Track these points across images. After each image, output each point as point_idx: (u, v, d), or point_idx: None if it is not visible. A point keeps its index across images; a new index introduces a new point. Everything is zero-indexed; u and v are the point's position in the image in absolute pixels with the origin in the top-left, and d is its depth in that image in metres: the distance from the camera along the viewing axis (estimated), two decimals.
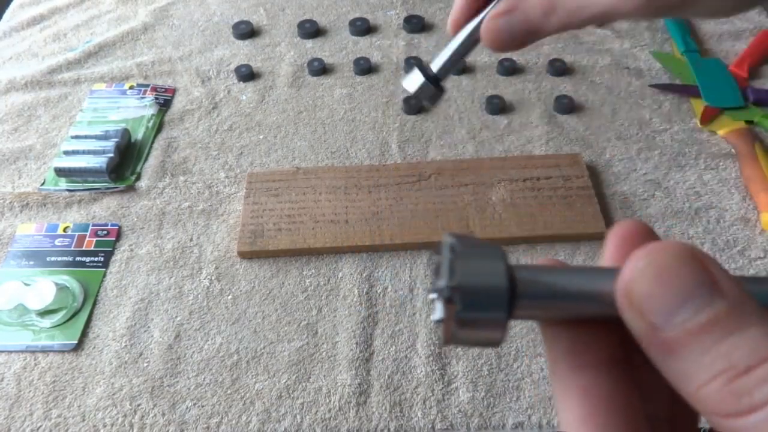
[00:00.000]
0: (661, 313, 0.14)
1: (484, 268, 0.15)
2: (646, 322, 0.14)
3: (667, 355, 0.14)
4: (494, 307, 0.15)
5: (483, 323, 0.15)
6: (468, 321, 0.15)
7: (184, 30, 0.88)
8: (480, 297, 0.15)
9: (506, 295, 0.15)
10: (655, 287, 0.14)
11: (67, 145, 0.69)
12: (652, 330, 0.14)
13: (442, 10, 0.89)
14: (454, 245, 0.15)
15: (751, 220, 0.62)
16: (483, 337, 0.16)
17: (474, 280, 0.15)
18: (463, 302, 0.15)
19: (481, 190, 0.64)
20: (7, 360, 0.54)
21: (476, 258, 0.15)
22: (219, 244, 0.62)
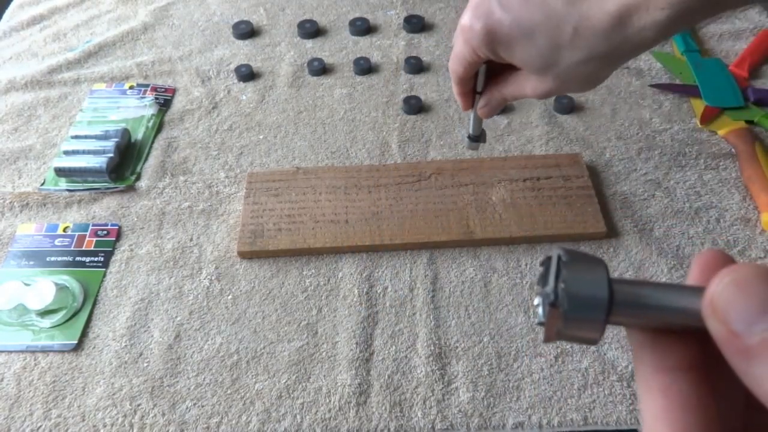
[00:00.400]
0: (742, 321, 0.16)
1: (589, 278, 0.17)
2: (729, 330, 0.16)
3: (746, 360, 0.16)
4: (594, 312, 0.17)
5: (583, 325, 0.17)
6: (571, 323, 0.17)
7: (184, 30, 0.88)
8: (583, 303, 0.17)
9: (606, 303, 0.17)
10: (737, 299, 0.16)
11: (67, 145, 0.69)
12: (733, 337, 0.16)
13: (442, 10, 0.89)
14: (561, 256, 0.18)
15: (751, 220, 0.62)
16: (581, 336, 0.18)
17: (579, 288, 0.17)
18: (569, 306, 0.17)
19: (481, 190, 0.64)
20: (7, 360, 0.54)
21: (582, 268, 0.17)
22: (219, 244, 0.62)
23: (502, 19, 0.42)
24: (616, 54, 0.43)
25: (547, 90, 0.46)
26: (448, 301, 0.57)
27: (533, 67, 0.45)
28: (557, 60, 0.43)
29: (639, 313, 0.18)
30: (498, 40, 0.44)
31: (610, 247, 0.60)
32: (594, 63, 0.43)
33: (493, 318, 0.56)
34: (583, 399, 0.50)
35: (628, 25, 0.40)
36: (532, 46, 0.43)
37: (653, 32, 0.40)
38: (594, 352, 0.53)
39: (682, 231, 0.61)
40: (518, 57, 0.44)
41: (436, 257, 0.60)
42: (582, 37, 0.41)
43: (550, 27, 0.42)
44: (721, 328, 0.16)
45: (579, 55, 0.42)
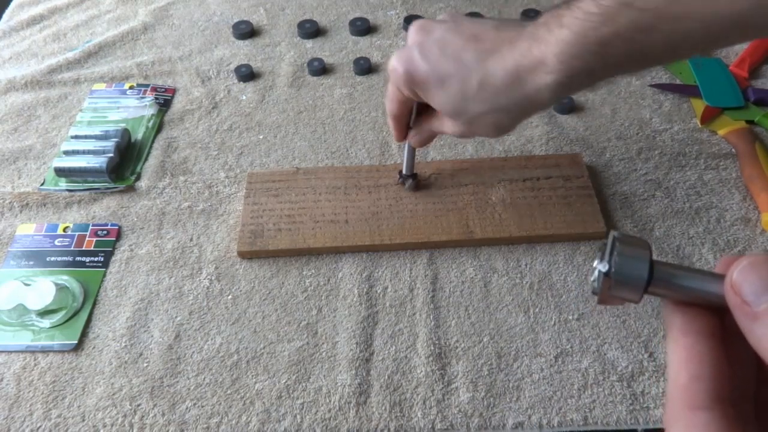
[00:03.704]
0: (752, 293, 0.21)
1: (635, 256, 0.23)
2: (742, 300, 0.21)
3: (752, 322, 0.21)
4: (636, 284, 0.23)
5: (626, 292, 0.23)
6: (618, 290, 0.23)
7: (184, 30, 0.88)
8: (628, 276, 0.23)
9: (645, 278, 0.23)
10: (750, 276, 0.21)
11: (67, 145, 0.69)
12: (745, 305, 0.21)
13: (442, 10, 0.89)
14: (616, 237, 0.23)
15: (751, 220, 0.62)
16: (625, 299, 0.23)
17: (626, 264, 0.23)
18: (618, 281, 0.23)
19: (481, 190, 0.64)
20: (7, 360, 0.54)
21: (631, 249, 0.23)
22: (219, 244, 0.62)
23: (420, 65, 0.48)
24: (517, 108, 0.47)
25: (459, 132, 0.51)
26: (448, 301, 0.57)
27: (446, 111, 0.50)
28: (466, 108, 0.48)
29: (672, 288, 0.23)
30: (416, 83, 0.49)
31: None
32: (497, 114, 0.48)
33: (493, 318, 0.56)
34: (583, 399, 0.50)
35: (523, 84, 0.44)
36: (444, 92, 0.48)
37: (548, 93, 0.44)
38: (594, 352, 0.53)
39: (682, 231, 0.61)
40: (434, 100, 0.49)
41: (436, 257, 0.60)
42: (485, 90, 0.46)
43: (460, 79, 0.46)
44: (736, 298, 0.21)
45: (483, 107, 0.47)
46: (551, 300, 0.57)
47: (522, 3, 0.89)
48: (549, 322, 0.55)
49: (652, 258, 0.23)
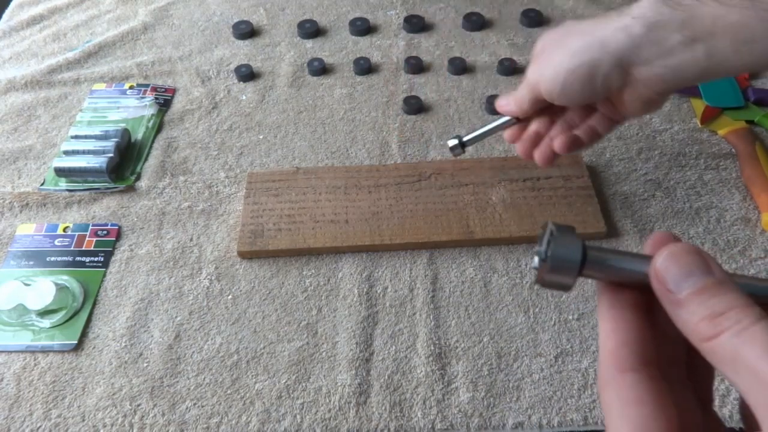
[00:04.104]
0: (673, 282, 0.22)
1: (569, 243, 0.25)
2: (665, 288, 0.23)
3: (676, 308, 0.22)
4: (569, 270, 0.24)
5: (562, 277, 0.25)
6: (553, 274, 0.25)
7: (184, 30, 0.88)
8: (562, 263, 0.24)
9: (579, 262, 0.24)
10: (671, 267, 0.23)
11: (67, 145, 0.69)
12: (669, 293, 0.23)
13: (442, 10, 0.89)
14: (552, 226, 0.25)
15: (751, 220, 0.62)
16: (560, 284, 0.25)
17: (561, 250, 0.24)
18: (553, 265, 0.24)
19: (481, 190, 0.64)
20: (7, 360, 0.54)
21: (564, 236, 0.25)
22: (219, 244, 0.62)
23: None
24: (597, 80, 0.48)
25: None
26: (448, 301, 0.57)
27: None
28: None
29: (604, 270, 0.25)
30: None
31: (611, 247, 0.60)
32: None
33: (493, 318, 0.56)
34: (583, 399, 0.50)
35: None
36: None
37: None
38: (594, 352, 0.53)
39: (683, 231, 0.61)
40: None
41: (436, 257, 0.60)
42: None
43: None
44: (660, 286, 0.23)
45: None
46: (551, 300, 0.57)
47: (522, 3, 0.89)
48: (549, 322, 0.55)
49: (585, 243, 0.25)
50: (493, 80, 0.78)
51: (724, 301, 0.21)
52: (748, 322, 0.20)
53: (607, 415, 0.23)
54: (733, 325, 0.21)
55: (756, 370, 0.19)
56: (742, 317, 0.21)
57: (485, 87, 0.77)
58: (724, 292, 0.22)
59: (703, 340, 0.21)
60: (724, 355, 0.21)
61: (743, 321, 0.21)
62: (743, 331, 0.20)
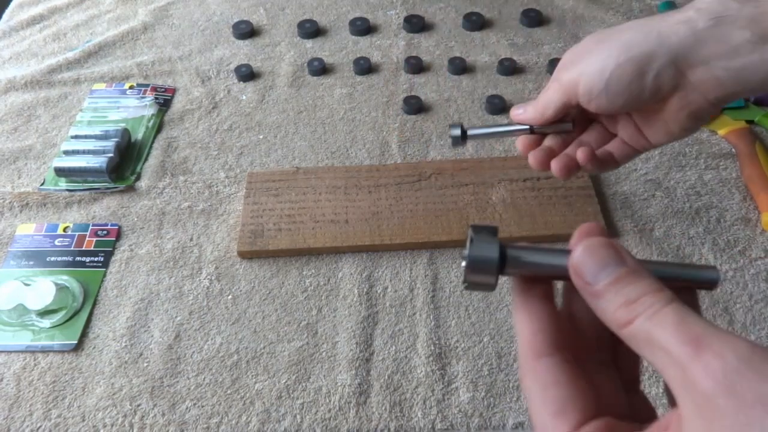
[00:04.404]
0: (591, 274, 0.24)
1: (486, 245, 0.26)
2: (583, 280, 0.24)
3: (595, 299, 0.24)
4: (488, 269, 0.26)
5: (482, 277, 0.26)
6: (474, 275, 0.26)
7: (184, 30, 0.88)
8: (480, 263, 0.26)
9: (496, 262, 0.26)
10: (587, 260, 0.24)
11: (67, 145, 0.69)
12: (586, 285, 0.24)
13: (443, 10, 0.89)
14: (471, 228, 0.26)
15: (751, 220, 0.62)
16: (483, 285, 0.26)
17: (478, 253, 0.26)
18: (471, 266, 0.26)
19: (481, 190, 0.64)
20: (7, 360, 0.54)
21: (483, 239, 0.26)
22: (219, 244, 0.62)
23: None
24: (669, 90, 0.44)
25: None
26: (448, 301, 0.57)
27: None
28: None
29: (524, 267, 0.26)
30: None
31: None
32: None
33: (493, 318, 0.56)
34: None
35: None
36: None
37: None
38: None
39: (683, 231, 0.61)
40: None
41: (436, 257, 0.60)
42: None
43: None
44: (578, 279, 0.24)
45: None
46: None
47: (522, 3, 0.89)
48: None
49: (502, 244, 0.26)
50: (493, 80, 0.78)
51: (638, 288, 0.23)
52: (660, 306, 0.22)
53: (530, 400, 0.25)
54: (646, 309, 0.22)
55: (668, 349, 0.21)
56: (653, 301, 0.22)
57: (485, 87, 0.77)
58: (637, 280, 0.23)
59: (620, 327, 0.23)
60: (640, 338, 0.22)
61: (655, 305, 0.22)
62: (655, 315, 0.22)
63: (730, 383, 0.19)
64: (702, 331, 0.21)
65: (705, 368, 0.20)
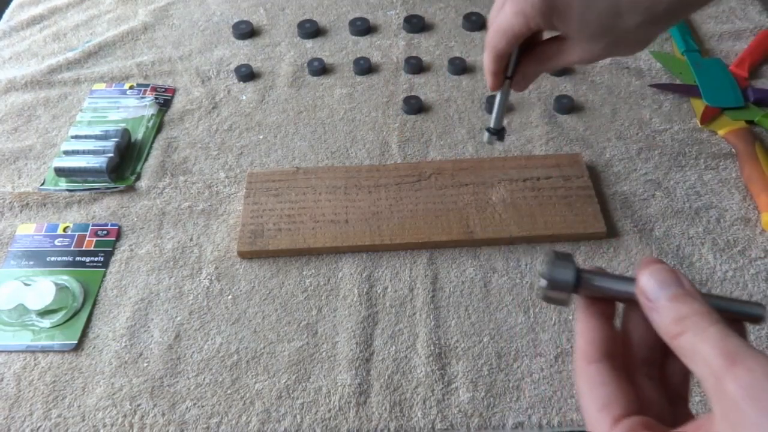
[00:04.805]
0: (653, 292, 0.28)
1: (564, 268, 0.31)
2: (647, 298, 0.28)
3: (654, 313, 0.28)
4: (565, 288, 0.30)
5: (559, 294, 0.31)
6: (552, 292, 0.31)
7: (184, 30, 0.88)
8: (558, 284, 0.30)
9: (572, 285, 0.30)
10: (651, 281, 0.28)
11: (67, 145, 0.69)
12: (649, 302, 0.28)
13: (442, 10, 0.89)
14: (552, 255, 0.31)
15: (751, 220, 0.62)
16: (559, 300, 0.31)
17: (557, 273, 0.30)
18: (551, 285, 0.30)
19: (481, 190, 0.64)
20: (7, 360, 0.54)
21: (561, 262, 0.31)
22: (219, 244, 0.62)
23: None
24: (673, 13, 0.42)
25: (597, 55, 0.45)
26: (448, 301, 0.57)
27: (588, 34, 0.43)
28: (615, 25, 0.42)
29: (593, 290, 0.31)
30: (556, 8, 0.42)
31: (610, 247, 0.60)
32: (651, 25, 0.42)
33: (493, 318, 0.56)
34: None
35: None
36: (590, 13, 0.42)
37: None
38: None
39: (682, 231, 0.61)
40: (573, 26, 0.43)
41: (436, 257, 0.60)
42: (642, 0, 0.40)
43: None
44: (643, 297, 0.28)
45: (638, 19, 0.41)
46: None
47: None
48: (549, 322, 0.55)
49: (578, 268, 0.31)
50: None
51: (689, 308, 0.27)
52: (706, 324, 0.26)
53: (580, 398, 0.29)
54: (694, 325, 0.26)
55: (708, 361, 0.24)
56: (701, 320, 0.26)
57: (485, 87, 0.77)
58: (690, 301, 0.27)
59: (672, 338, 0.27)
60: (687, 349, 0.26)
61: (702, 323, 0.26)
62: (702, 331, 0.25)
63: (755, 393, 0.23)
64: (738, 348, 0.24)
65: (735, 379, 0.23)
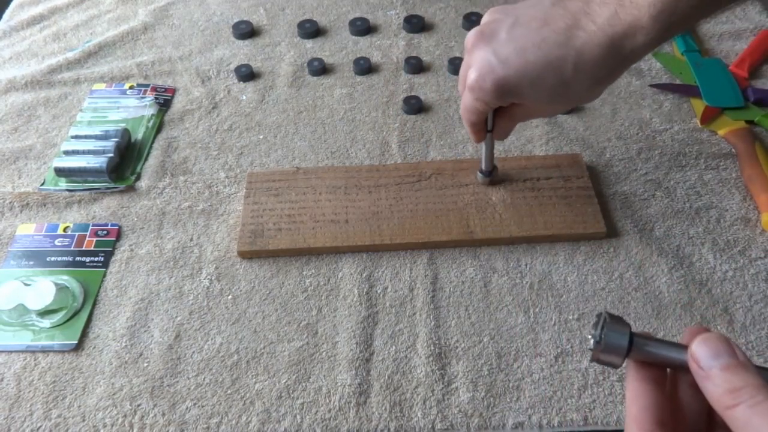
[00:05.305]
0: (705, 360, 0.28)
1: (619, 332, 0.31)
2: (698, 365, 0.28)
3: (706, 382, 0.28)
4: (618, 353, 0.31)
5: (611, 358, 0.31)
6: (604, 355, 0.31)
7: (184, 30, 0.88)
8: (612, 347, 0.31)
9: (626, 349, 0.31)
10: (703, 350, 0.28)
11: (67, 145, 0.69)
12: (701, 370, 0.28)
13: (442, 10, 0.89)
14: (605, 316, 0.31)
15: (751, 220, 0.62)
16: (610, 363, 0.31)
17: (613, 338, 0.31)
18: (604, 347, 0.31)
19: (481, 190, 0.64)
20: (7, 360, 0.54)
21: (616, 326, 0.31)
22: (219, 244, 0.62)
23: (506, 73, 0.47)
24: (616, 73, 0.48)
25: (554, 113, 0.54)
26: (448, 301, 0.57)
27: (544, 102, 0.50)
28: (565, 92, 0.47)
29: (644, 354, 0.31)
30: (508, 91, 0.48)
31: (610, 247, 0.60)
32: (598, 86, 0.48)
33: (493, 318, 0.56)
34: (583, 399, 0.50)
35: (620, 50, 0.44)
36: (539, 88, 0.47)
37: (646, 49, 0.45)
38: None
39: (682, 231, 0.61)
40: (528, 99, 0.49)
41: (436, 257, 0.60)
42: (583, 71, 0.46)
43: (553, 70, 0.46)
44: (694, 365, 0.29)
45: (584, 84, 0.47)
46: (551, 300, 0.57)
47: None
48: (549, 322, 0.55)
49: (632, 332, 0.31)
50: None
51: (744, 379, 0.27)
52: (761, 398, 0.26)
53: None
54: (748, 398, 0.26)
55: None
56: (755, 393, 0.26)
57: None
58: (744, 372, 0.27)
59: (725, 408, 0.27)
60: (740, 421, 0.26)
61: (756, 396, 0.26)
62: (756, 405, 0.26)
63: None
64: None
65: None
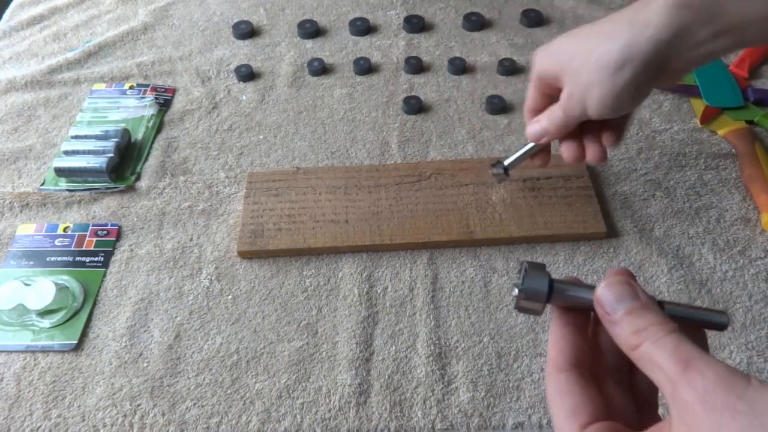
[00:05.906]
0: (610, 305, 0.29)
1: (538, 278, 0.32)
2: (604, 310, 0.30)
3: (612, 326, 0.29)
4: (539, 298, 0.32)
5: (532, 304, 0.32)
6: (526, 301, 0.32)
7: (184, 30, 0.88)
8: (532, 294, 0.32)
9: (545, 295, 0.32)
10: (608, 294, 0.30)
11: (67, 145, 0.69)
12: (607, 315, 0.29)
13: (443, 10, 0.89)
14: (525, 265, 0.32)
15: (751, 220, 0.62)
16: (533, 310, 0.32)
17: (532, 284, 0.32)
18: (525, 294, 0.32)
19: (481, 190, 0.64)
20: (7, 360, 0.54)
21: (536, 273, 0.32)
22: (219, 244, 0.62)
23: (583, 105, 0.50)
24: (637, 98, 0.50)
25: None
26: (448, 301, 0.57)
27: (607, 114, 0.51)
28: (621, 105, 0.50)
29: (564, 299, 0.32)
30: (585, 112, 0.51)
31: (610, 247, 0.60)
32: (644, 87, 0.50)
33: (493, 318, 0.56)
34: None
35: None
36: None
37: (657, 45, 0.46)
38: None
39: (682, 231, 0.61)
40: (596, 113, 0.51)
41: (436, 257, 0.60)
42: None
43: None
44: (600, 309, 0.30)
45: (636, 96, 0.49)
46: None
47: (522, 3, 0.89)
48: (549, 322, 0.55)
49: (551, 278, 0.32)
50: (493, 80, 0.78)
51: (646, 319, 0.28)
52: (662, 334, 0.27)
53: (550, 405, 0.31)
54: (651, 336, 0.27)
55: (663, 368, 0.26)
56: (658, 330, 0.27)
57: (485, 87, 0.77)
58: (647, 313, 0.28)
59: (630, 349, 0.28)
60: (645, 359, 0.27)
61: (658, 333, 0.27)
62: (658, 341, 0.27)
63: (706, 395, 0.24)
64: (692, 355, 0.26)
65: (689, 383, 0.25)
